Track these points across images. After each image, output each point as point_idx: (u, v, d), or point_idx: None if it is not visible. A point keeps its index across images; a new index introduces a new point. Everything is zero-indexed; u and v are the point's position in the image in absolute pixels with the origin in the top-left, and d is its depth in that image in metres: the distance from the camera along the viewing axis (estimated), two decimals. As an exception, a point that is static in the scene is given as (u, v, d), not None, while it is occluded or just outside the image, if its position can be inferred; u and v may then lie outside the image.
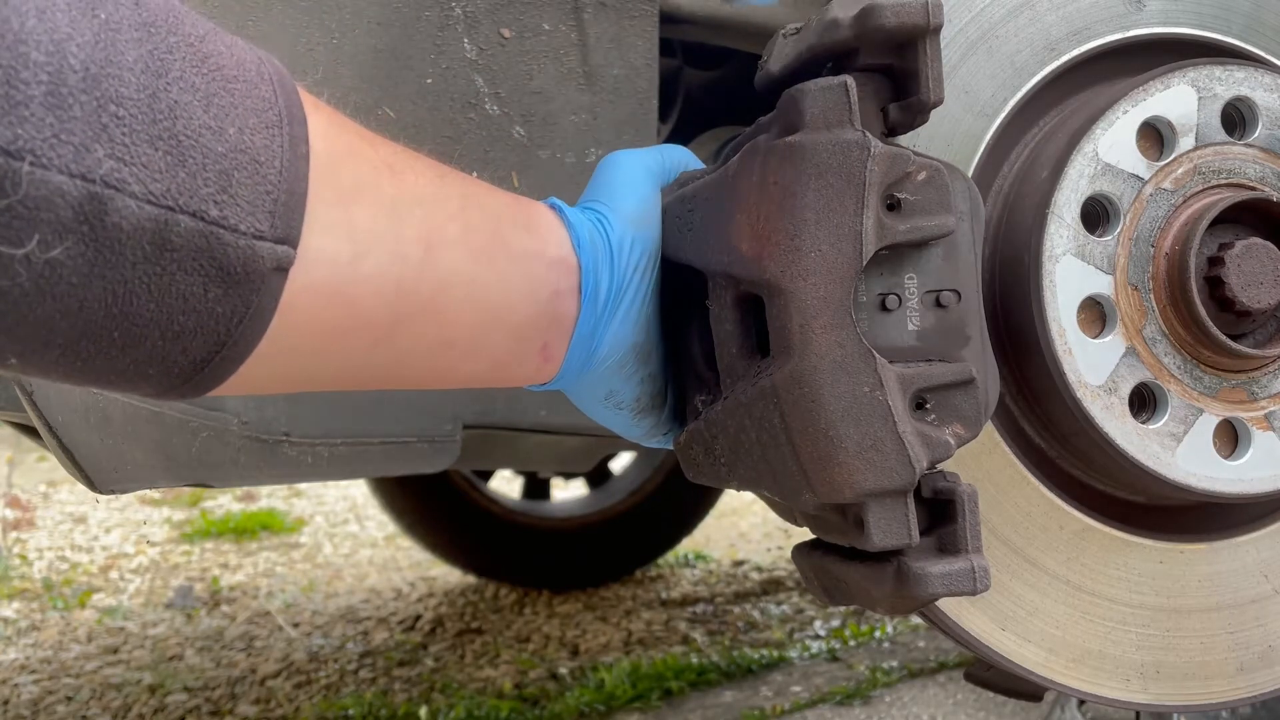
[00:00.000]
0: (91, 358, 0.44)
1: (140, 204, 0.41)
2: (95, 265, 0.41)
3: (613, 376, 0.66)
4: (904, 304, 0.61)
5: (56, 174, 0.38)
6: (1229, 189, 0.76)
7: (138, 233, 0.41)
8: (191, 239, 0.43)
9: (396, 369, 0.58)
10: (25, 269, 0.39)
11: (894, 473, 0.57)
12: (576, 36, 0.88)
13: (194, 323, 0.45)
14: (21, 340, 0.41)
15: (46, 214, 0.39)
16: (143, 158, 0.41)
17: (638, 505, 2.49)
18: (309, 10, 0.82)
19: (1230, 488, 0.76)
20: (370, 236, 0.51)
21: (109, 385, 0.47)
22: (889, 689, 1.74)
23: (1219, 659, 0.83)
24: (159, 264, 0.42)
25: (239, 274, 0.45)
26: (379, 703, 1.80)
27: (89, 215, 0.40)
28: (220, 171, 0.44)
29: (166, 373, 0.46)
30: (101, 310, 0.42)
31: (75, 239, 0.40)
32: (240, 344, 0.47)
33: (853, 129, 0.58)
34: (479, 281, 0.58)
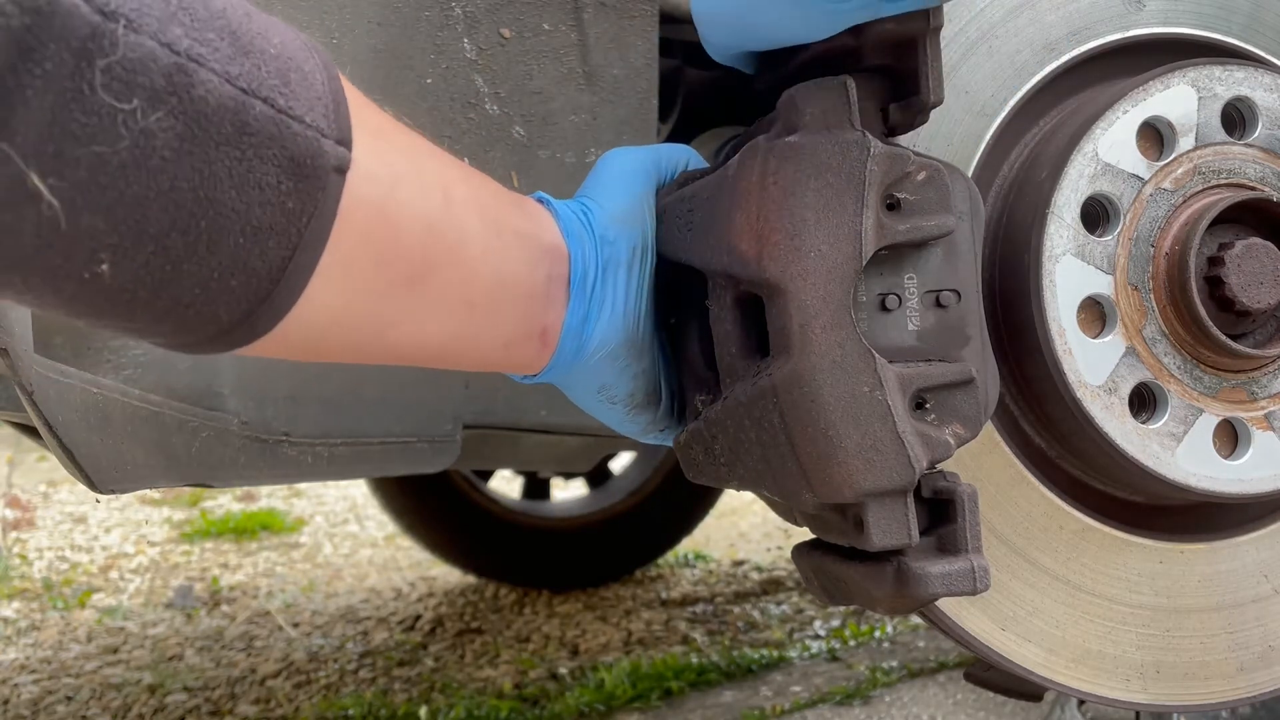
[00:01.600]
0: (180, 257, 0.43)
1: (221, 81, 0.42)
2: (184, 140, 0.41)
3: (605, 370, 0.66)
4: (904, 304, 0.61)
5: (148, 39, 0.39)
6: (1229, 189, 0.76)
7: (220, 110, 0.42)
8: (265, 125, 0.43)
9: (423, 328, 0.57)
10: (127, 131, 0.39)
11: (893, 473, 0.57)
12: (576, 36, 0.88)
13: (269, 218, 0.45)
14: (119, 226, 0.41)
15: (142, 78, 0.39)
16: (214, 42, 0.42)
17: (638, 505, 2.49)
18: (309, 10, 0.82)
19: (1230, 488, 0.76)
20: (400, 169, 0.52)
21: (189, 307, 0.45)
22: (889, 689, 1.74)
23: (1219, 659, 0.83)
24: (239, 147, 0.43)
25: (308, 167, 0.45)
26: (379, 703, 1.80)
27: (178, 86, 0.40)
28: (279, 69, 0.44)
29: (246, 285, 0.46)
30: (190, 194, 0.42)
31: (166, 110, 0.40)
32: (307, 249, 0.47)
33: (852, 129, 0.58)
34: (491, 247, 0.58)
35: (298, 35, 0.48)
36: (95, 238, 0.40)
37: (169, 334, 0.47)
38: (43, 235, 0.39)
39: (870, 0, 0.55)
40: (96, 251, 0.41)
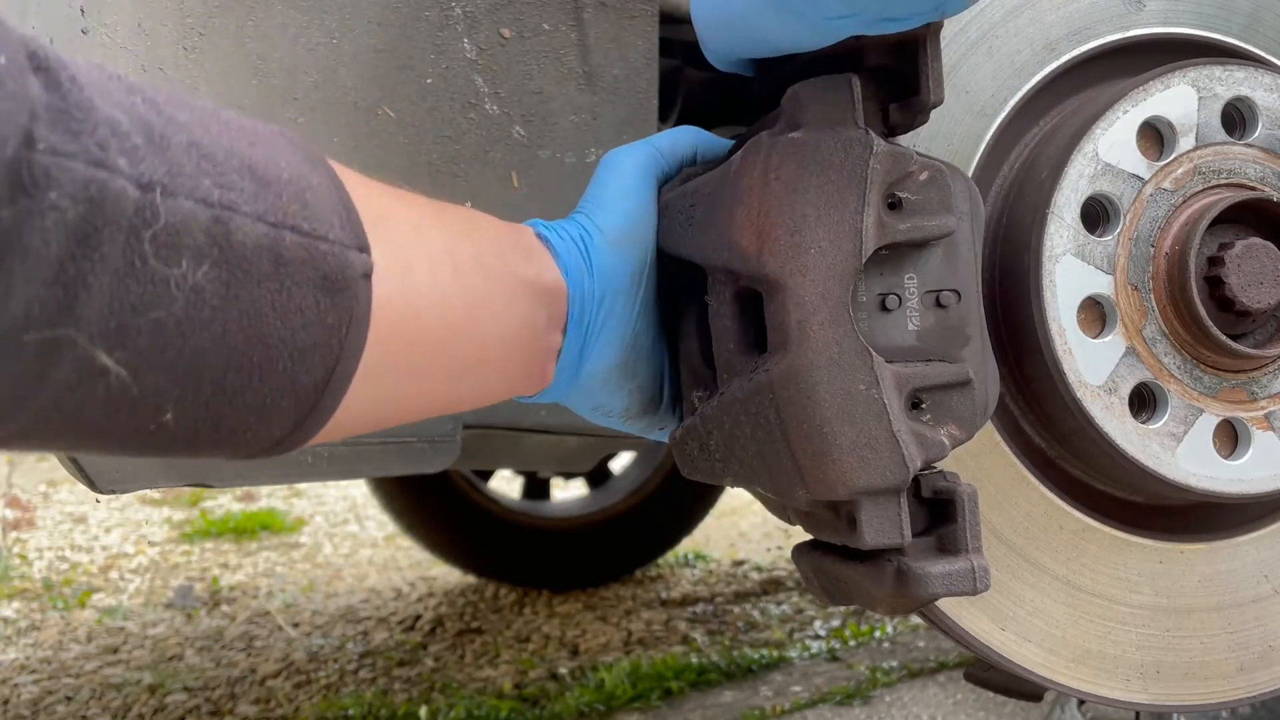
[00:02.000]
0: (236, 394, 0.45)
1: (254, 222, 0.44)
2: (230, 286, 0.43)
3: (598, 392, 0.68)
4: (904, 304, 0.61)
5: (184, 200, 0.41)
6: (1229, 189, 0.76)
7: (258, 250, 0.44)
8: (298, 252, 0.45)
9: (449, 383, 0.60)
10: (179, 292, 0.41)
11: (887, 471, 0.57)
12: (576, 36, 0.88)
13: (311, 338, 0.47)
14: (179, 380, 0.43)
15: (186, 238, 0.41)
16: (239, 184, 0.44)
17: (638, 505, 2.49)
18: (309, 10, 0.82)
19: (1230, 488, 0.76)
20: (409, 252, 0.54)
21: (246, 432, 0.48)
22: (889, 689, 1.74)
23: (1219, 659, 0.83)
24: (278, 279, 0.45)
25: (340, 281, 0.47)
26: (379, 703, 1.80)
27: (217, 237, 0.42)
28: (295, 193, 0.46)
29: (296, 400, 0.48)
30: (240, 334, 0.44)
31: (210, 262, 0.42)
32: (348, 356, 0.49)
33: (855, 126, 0.58)
34: (497, 301, 0.60)
35: (294, 144, 0.50)
36: (160, 393, 0.43)
37: (227, 454, 0.50)
38: (112, 402, 0.42)
39: (869, 19, 0.55)
40: (161, 405, 0.43)
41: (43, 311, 0.37)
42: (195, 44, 0.79)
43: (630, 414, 0.70)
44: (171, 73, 0.78)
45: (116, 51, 0.75)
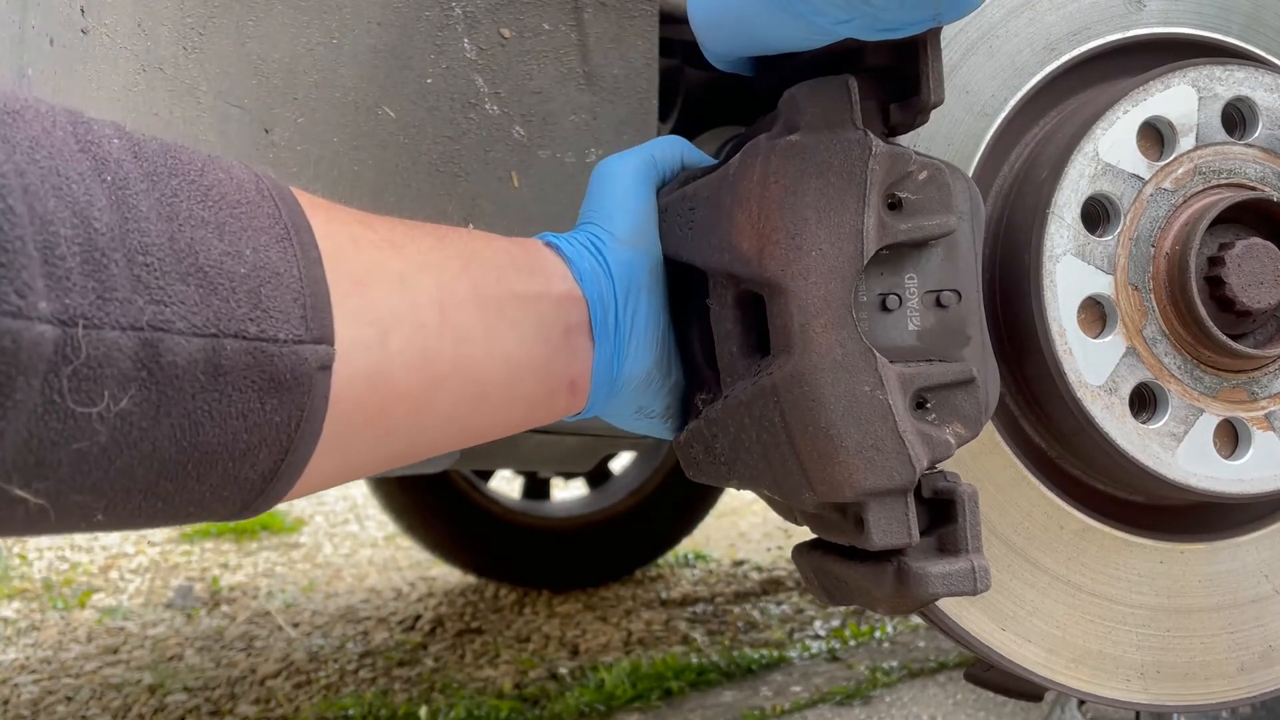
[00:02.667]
0: (171, 495, 0.45)
1: (188, 339, 0.43)
2: (160, 405, 0.42)
3: (640, 394, 0.67)
4: (904, 304, 0.61)
5: (109, 330, 0.40)
6: (1229, 189, 0.76)
7: (191, 365, 0.43)
8: (240, 358, 0.45)
9: (442, 434, 0.59)
10: (102, 425, 0.40)
11: (894, 472, 0.57)
12: (576, 36, 0.88)
13: (257, 437, 0.46)
14: (106, 494, 0.43)
15: (109, 369, 0.40)
16: (179, 296, 0.43)
17: (638, 505, 2.49)
18: (309, 10, 0.82)
19: (1230, 488, 0.76)
20: (390, 314, 0.53)
21: (188, 518, 0.48)
22: (889, 689, 1.74)
23: (1219, 659, 0.83)
24: (215, 389, 0.44)
25: (289, 380, 0.46)
26: (379, 703, 1.80)
27: (145, 361, 0.41)
28: (249, 291, 0.45)
29: (240, 491, 0.48)
30: (173, 446, 0.43)
31: (138, 385, 0.41)
32: (301, 447, 0.48)
33: (854, 128, 0.58)
34: (495, 333, 0.59)
35: (272, 218, 0.48)
36: (85, 507, 0.42)
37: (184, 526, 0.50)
38: (34, 523, 0.41)
39: (864, 26, 0.55)
40: (90, 513, 0.43)
41: None
42: (195, 43, 0.79)
43: (670, 412, 0.70)
44: (171, 72, 0.78)
45: (116, 51, 0.75)
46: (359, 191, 0.84)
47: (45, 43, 0.70)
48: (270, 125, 0.82)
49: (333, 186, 0.84)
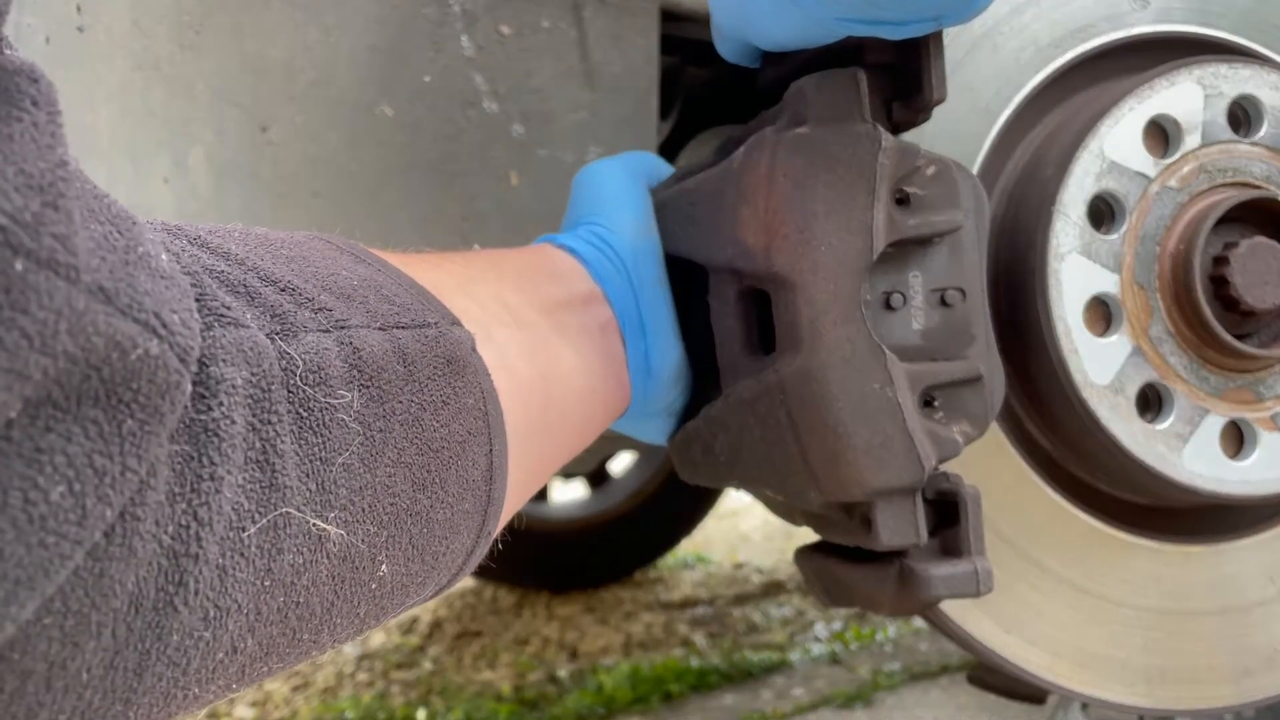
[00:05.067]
0: (430, 510, 0.43)
1: (370, 331, 0.41)
2: (383, 402, 0.40)
3: (669, 389, 0.67)
4: (908, 302, 0.61)
5: (307, 334, 0.38)
6: (1234, 188, 0.75)
7: (386, 357, 0.41)
8: (415, 346, 0.43)
9: (560, 433, 0.58)
10: (356, 424, 0.39)
11: (903, 471, 0.56)
12: (576, 34, 0.88)
13: (463, 425, 0.45)
14: (384, 520, 0.40)
15: (329, 370, 0.38)
16: (330, 304, 0.41)
17: (638, 507, 2.48)
18: (306, 8, 0.81)
19: (1237, 489, 0.76)
20: (476, 314, 0.52)
21: (442, 555, 0.45)
22: (891, 692, 1.73)
23: (1224, 662, 0.82)
24: (414, 380, 0.42)
25: (460, 359, 0.45)
26: (377, 705, 1.79)
27: (349, 359, 0.40)
28: (375, 294, 0.44)
29: (475, 498, 0.46)
30: (410, 446, 0.41)
31: (358, 386, 0.40)
32: (497, 434, 0.47)
33: (863, 121, 0.57)
34: (559, 334, 0.58)
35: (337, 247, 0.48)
36: (371, 541, 0.40)
37: (429, 593, 0.47)
38: (335, 569, 0.38)
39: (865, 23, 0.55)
40: (375, 556, 0.40)
41: (250, 497, 0.34)
42: (192, 41, 0.79)
43: (685, 406, 0.70)
44: (168, 70, 0.78)
45: (112, 49, 0.75)
46: (356, 190, 0.84)
47: (41, 40, 0.70)
48: (267, 123, 0.82)
49: (331, 185, 0.83)
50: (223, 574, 0.33)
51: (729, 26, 0.64)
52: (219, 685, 0.36)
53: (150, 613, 0.31)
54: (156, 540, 0.30)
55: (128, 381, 0.28)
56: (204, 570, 0.32)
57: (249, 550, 0.34)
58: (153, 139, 0.77)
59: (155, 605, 0.31)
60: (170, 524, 0.31)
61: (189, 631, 0.32)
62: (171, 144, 0.78)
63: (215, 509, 0.32)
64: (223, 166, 0.80)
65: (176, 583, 0.31)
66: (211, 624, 0.33)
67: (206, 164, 0.80)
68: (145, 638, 0.31)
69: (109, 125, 0.74)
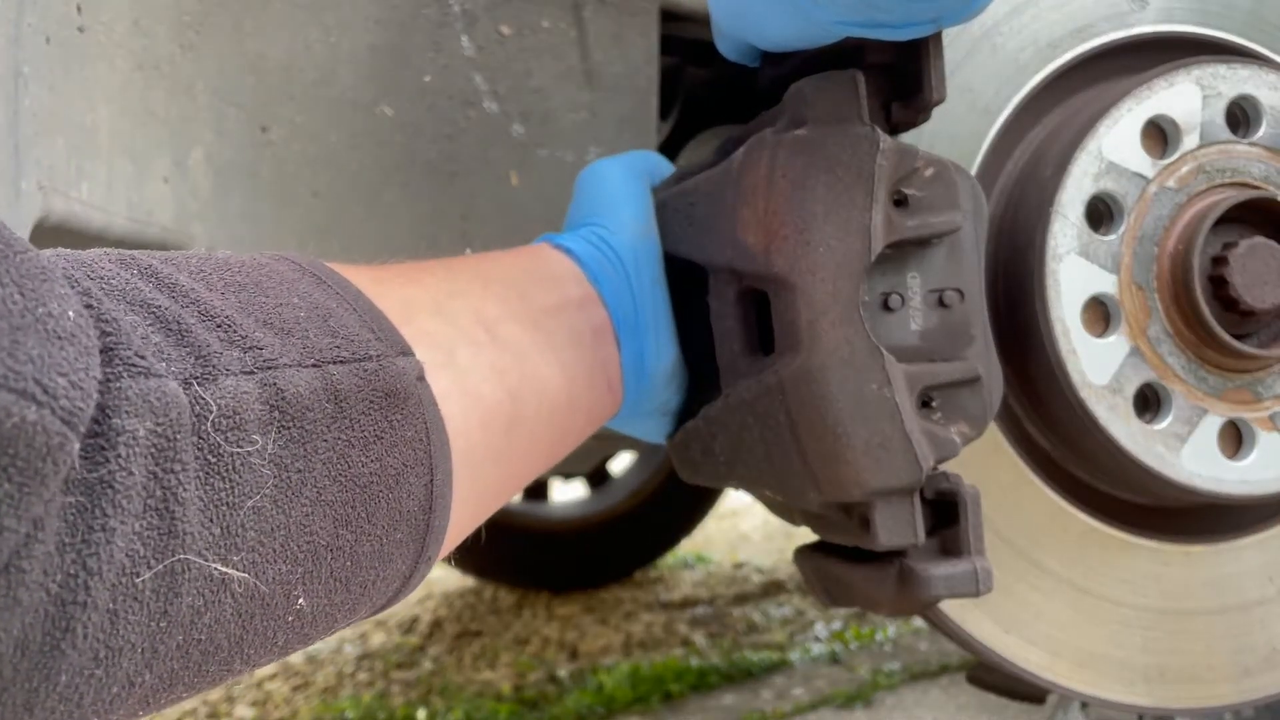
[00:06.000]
0: (354, 545, 0.43)
1: (298, 370, 0.42)
2: (305, 443, 0.41)
3: (664, 389, 0.67)
4: (907, 303, 0.61)
5: (226, 378, 0.39)
6: (1233, 188, 0.76)
7: (314, 396, 0.42)
8: (350, 380, 0.43)
9: (537, 451, 0.59)
10: (267, 469, 0.39)
11: (901, 471, 0.56)
12: (576, 34, 0.88)
13: (398, 459, 0.45)
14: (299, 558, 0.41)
15: (245, 414, 0.39)
16: (265, 340, 0.42)
17: (637, 507, 2.48)
18: (307, 8, 0.81)
19: (1235, 489, 0.76)
20: (443, 336, 0.52)
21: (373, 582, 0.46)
22: (891, 692, 1.73)
23: (1223, 662, 0.83)
24: (345, 417, 0.43)
25: (400, 391, 0.45)
26: (377, 705, 1.80)
27: (271, 400, 0.40)
28: (318, 326, 0.44)
29: (410, 528, 0.46)
30: (334, 485, 0.42)
31: (277, 428, 0.40)
32: (440, 462, 0.47)
33: (861, 122, 0.58)
34: (539, 345, 0.58)
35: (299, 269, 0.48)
36: (285, 580, 0.41)
37: (365, 612, 0.48)
38: (242, 610, 0.39)
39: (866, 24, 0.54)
40: (290, 592, 0.41)
41: (147, 544, 0.35)
42: (192, 41, 0.79)
43: (681, 407, 0.70)
44: (168, 70, 0.78)
45: (113, 49, 0.75)
46: (357, 190, 0.84)
47: (41, 41, 0.70)
48: (267, 124, 0.82)
49: (331, 185, 0.83)
50: (114, 618, 0.34)
51: (728, 26, 0.64)
52: (121, 713, 0.37)
53: (37, 655, 0.33)
54: (44, 589, 0.32)
55: (4, 448, 0.29)
56: (92, 615, 0.33)
57: (143, 594, 0.35)
58: (153, 139, 0.77)
59: (42, 648, 0.33)
60: (59, 573, 0.32)
61: (79, 670, 0.34)
62: (172, 144, 0.78)
63: (106, 558, 0.33)
64: (223, 166, 0.80)
65: (63, 628, 0.33)
66: (103, 663, 0.34)
67: (207, 164, 0.80)
68: (33, 677, 0.33)
69: (109, 125, 0.74)
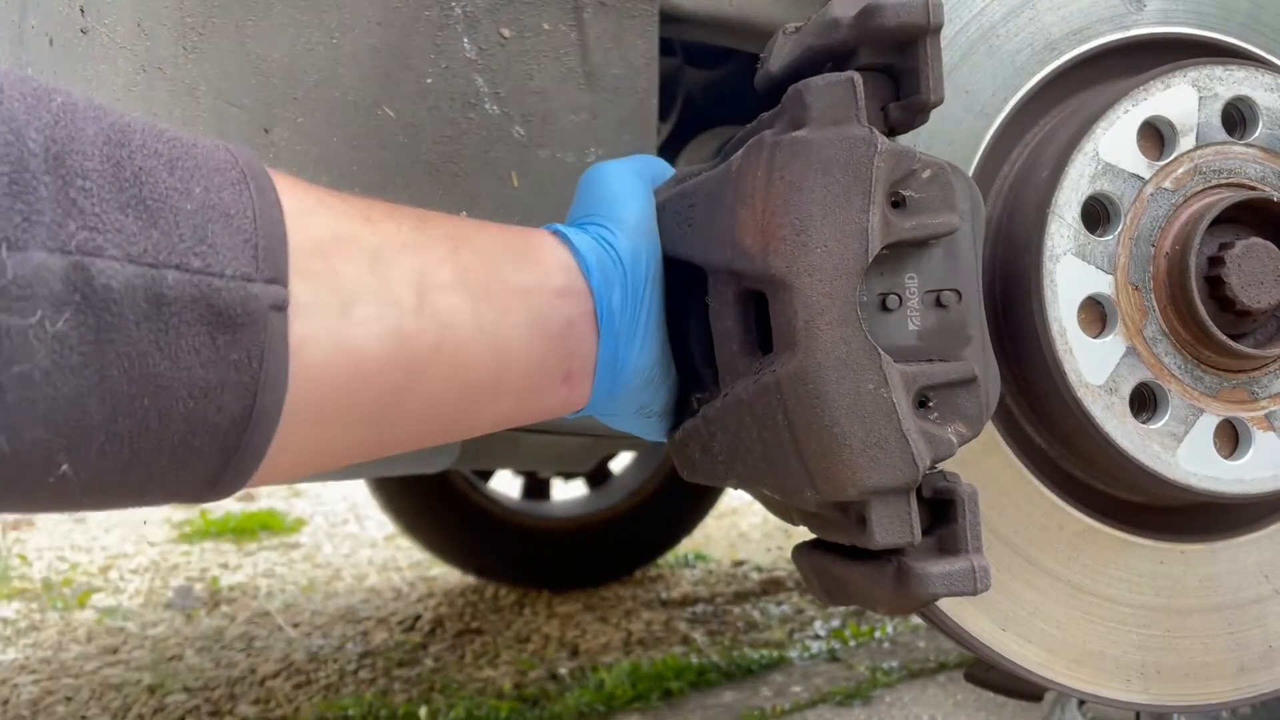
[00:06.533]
0: (134, 436, 0.44)
1: (122, 264, 0.42)
2: (100, 331, 0.42)
3: (642, 392, 0.66)
4: (904, 304, 0.61)
5: (35, 251, 0.40)
6: (1229, 189, 0.76)
7: (130, 291, 0.42)
8: (183, 290, 0.44)
9: (427, 422, 0.58)
10: (40, 343, 0.40)
11: (897, 470, 0.57)
12: (576, 36, 0.88)
13: (215, 375, 0.45)
14: (63, 431, 0.42)
15: (40, 289, 0.40)
16: (115, 224, 0.42)
17: (637, 505, 2.49)
18: (308, 10, 0.82)
19: (1231, 488, 0.76)
20: (356, 284, 0.51)
21: (164, 476, 0.47)
22: (889, 689, 1.74)
23: (1219, 659, 0.83)
24: (160, 320, 0.43)
25: (240, 315, 0.45)
26: (378, 703, 1.80)
27: (77, 284, 0.41)
28: (194, 226, 0.45)
29: (212, 441, 0.47)
30: (122, 377, 0.43)
31: (72, 309, 0.41)
32: (269, 392, 0.47)
33: (859, 125, 0.58)
34: (485, 321, 0.57)
35: (229, 164, 0.48)
36: (45, 446, 0.42)
37: (160, 499, 0.48)
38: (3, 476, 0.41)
39: None
40: (52, 458, 0.42)
41: None
42: (195, 43, 0.79)
43: (668, 409, 0.69)
44: (171, 72, 0.78)
45: (116, 51, 0.75)
46: (358, 191, 0.84)
47: (45, 42, 0.70)
48: (270, 125, 0.82)
49: (332, 186, 0.83)
50: None
51: None
52: None
53: None
54: None
55: None
56: None
57: None
58: (156, 141, 0.77)
59: None
60: None
61: None
62: (175, 146, 0.78)
63: None
64: (226, 168, 0.81)
65: None
66: None
67: (209, 165, 0.80)
68: None
69: (113, 127, 0.75)
